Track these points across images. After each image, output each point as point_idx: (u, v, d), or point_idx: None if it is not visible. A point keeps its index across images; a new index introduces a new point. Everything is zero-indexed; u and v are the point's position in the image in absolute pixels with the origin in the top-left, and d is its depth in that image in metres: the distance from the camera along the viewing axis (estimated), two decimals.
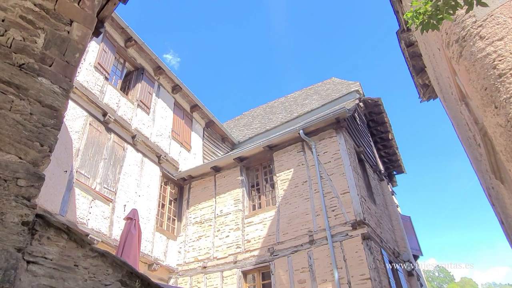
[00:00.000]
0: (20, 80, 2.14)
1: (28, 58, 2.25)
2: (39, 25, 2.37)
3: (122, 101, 11.37)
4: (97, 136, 10.19)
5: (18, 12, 2.30)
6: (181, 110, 14.43)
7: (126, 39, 12.20)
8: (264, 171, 11.73)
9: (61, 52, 2.43)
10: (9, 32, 2.22)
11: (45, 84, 2.24)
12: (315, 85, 20.36)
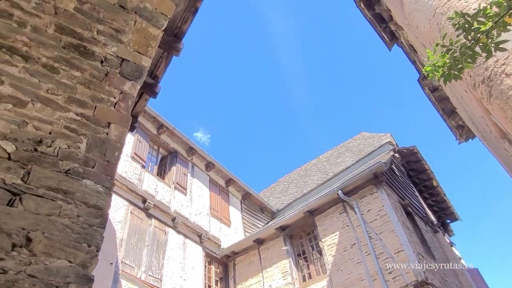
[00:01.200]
0: (67, 185, 2.25)
1: (73, 163, 2.40)
2: (81, 131, 2.55)
3: (159, 186, 11.70)
4: (139, 224, 10.36)
5: (62, 123, 2.50)
6: (216, 186, 14.60)
7: (158, 127, 12.92)
8: (308, 237, 11.28)
9: (101, 153, 2.57)
10: (56, 142, 2.41)
11: (89, 186, 2.35)
12: (346, 142, 20.28)
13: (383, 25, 8.99)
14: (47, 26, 2.67)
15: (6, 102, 2.37)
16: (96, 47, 2.81)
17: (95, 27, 2.83)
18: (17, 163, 2.21)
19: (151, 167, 12.36)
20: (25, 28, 2.59)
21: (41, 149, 2.35)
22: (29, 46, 2.58)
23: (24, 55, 2.55)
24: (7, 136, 2.28)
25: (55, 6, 2.71)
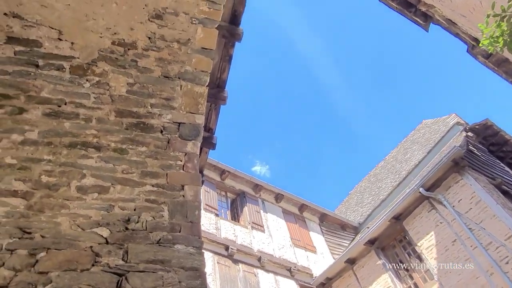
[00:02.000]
0: (162, 255, 2.34)
1: (162, 232, 2.50)
2: (161, 200, 2.68)
3: (237, 230, 11.82)
4: (228, 272, 10.45)
5: (143, 198, 2.65)
6: (290, 215, 14.44)
7: (220, 173, 13.26)
8: (402, 245, 10.59)
9: (183, 215, 2.66)
10: (142, 217, 2.54)
11: (181, 250, 2.42)
12: (409, 136, 19.26)
13: (412, 10, 8.67)
14: (108, 115, 2.90)
15: (92, 192, 2.58)
16: (153, 120, 3.00)
17: (148, 102, 3.03)
18: (114, 245, 2.35)
19: (224, 213, 12.59)
20: (91, 122, 2.85)
21: (131, 227, 2.49)
22: (98, 136, 2.82)
23: (96, 146, 2.78)
24: (100, 222, 2.45)
25: (111, 94, 2.96)
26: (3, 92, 2.77)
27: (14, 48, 2.86)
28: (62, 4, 2.86)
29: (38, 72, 2.87)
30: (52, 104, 2.82)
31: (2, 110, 2.75)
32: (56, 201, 2.52)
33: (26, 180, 2.59)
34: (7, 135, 2.70)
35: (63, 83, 2.89)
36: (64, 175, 2.66)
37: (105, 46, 3.00)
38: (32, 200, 2.50)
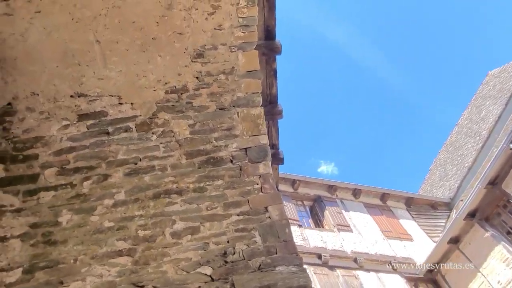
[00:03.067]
0: (267, 280, 2.36)
1: (259, 258, 2.53)
2: (250, 227, 2.72)
3: (324, 235, 11.61)
4: (327, 280, 10.24)
5: (232, 229, 2.71)
6: (374, 207, 13.87)
7: (291, 184, 13.21)
8: (508, 210, 9.63)
9: (275, 236, 2.67)
10: (236, 247, 2.59)
11: (283, 271, 2.42)
12: (478, 92, 17.74)
13: None
14: (179, 159, 3.05)
15: (185, 235, 2.69)
16: (221, 152, 3.09)
17: (212, 137, 3.14)
18: (220, 281, 2.41)
19: (306, 222, 12.47)
20: (166, 170, 3.00)
21: (230, 259, 2.55)
22: (176, 182, 2.96)
23: (177, 191, 2.92)
24: (201, 262, 2.54)
25: (177, 140, 3.11)
26: (87, 164, 3.04)
27: (86, 123, 3.14)
28: (115, 72, 3.10)
29: (110, 138, 3.11)
30: (129, 163, 3.03)
31: (90, 181, 3.01)
32: (157, 251, 2.67)
33: (126, 238, 2.78)
34: (100, 202, 2.94)
35: (133, 142, 3.10)
36: (157, 225, 2.82)
37: (160, 98, 3.18)
38: (136, 255, 2.67)
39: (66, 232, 2.85)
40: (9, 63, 3.05)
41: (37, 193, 2.97)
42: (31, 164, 3.04)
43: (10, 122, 3.12)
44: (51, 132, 3.10)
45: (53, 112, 3.12)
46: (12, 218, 2.90)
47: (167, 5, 2.91)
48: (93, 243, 2.79)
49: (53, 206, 2.92)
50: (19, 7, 2.80)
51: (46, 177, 3.02)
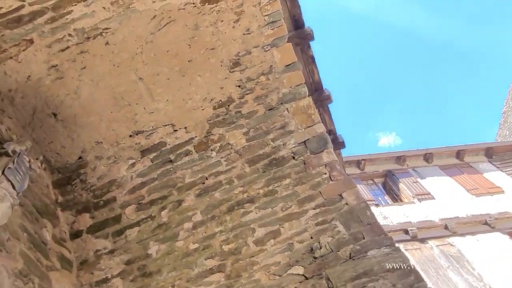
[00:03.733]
0: (361, 267, 2.34)
1: (347, 246, 2.49)
2: (329, 218, 2.69)
3: (405, 209, 11.09)
4: (421, 254, 9.76)
5: (312, 223, 2.72)
6: (451, 168, 12.99)
7: (357, 165, 12.82)
8: None
9: (358, 221, 2.59)
10: (321, 241, 2.56)
11: (376, 255, 2.34)
12: None
13: None
14: (243, 168, 3.08)
15: (268, 240, 2.71)
16: (281, 152, 3.07)
17: (268, 139, 3.14)
18: (314, 278, 2.39)
19: (383, 200, 12.01)
20: (233, 182, 3.05)
21: (318, 254, 2.51)
22: (246, 191, 2.99)
23: (249, 200, 2.95)
24: (290, 263, 2.53)
25: (236, 151, 3.15)
26: (160, 195, 3.18)
27: (149, 157, 3.29)
28: (163, 103, 3.23)
29: (174, 165, 3.23)
30: (198, 184, 3.12)
31: (167, 209, 3.14)
32: (245, 262, 2.71)
33: (213, 255, 2.86)
34: (181, 227, 3.06)
35: (196, 163, 3.19)
36: (238, 237, 2.86)
37: (210, 115, 3.25)
38: (227, 270, 2.73)
39: (158, 262, 3.01)
40: (70, 121, 3.30)
41: (124, 232, 3.16)
42: (111, 207, 3.25)
43: (85, 174, 3.36)
44: (121, 173, 3.30)
45: (118, 155, 3.32)
46: (108, 260, 3.12)
47: (193, 26, 2.97)
48: (184, 267, 2.91)
49: (141, 241, 3.09)
50: (67, 69, 3.03)
51: (127, 215, 3.21)
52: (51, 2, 2.59)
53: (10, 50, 2.84)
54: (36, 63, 2.98)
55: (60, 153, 3.38)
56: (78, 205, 3.31)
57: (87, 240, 3.23)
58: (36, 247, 2.92)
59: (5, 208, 2.41)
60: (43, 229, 3.11)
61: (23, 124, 3.28)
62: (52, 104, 3.24)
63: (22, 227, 2.86)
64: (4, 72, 2.96)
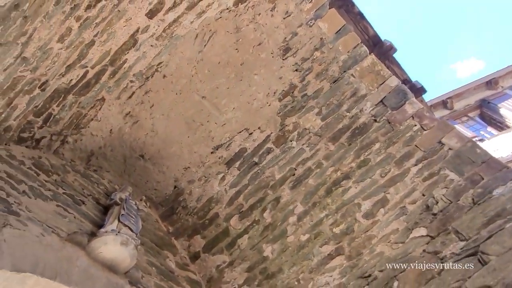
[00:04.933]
0: (491, 209, 2.12)
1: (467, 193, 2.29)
2: (435, 169, 2.50)
3: None
4: None
5: (418, 180, 2.53)
6: None
7: (443, 106, 11.77)
8: None
9: (469, 163, 2.44)
10: (435, 195, 2.36)
11: (504, 192, 2.13)
12: None
13: None
14: (328, 148, 3.02)
15: (377, 210, 2.60)
16: (360, 119, 2.95)
17: (343, 111, 3.03)
18: (441, 235, 2.24)
19: (486, 133, 10.87)
20: (322, 165, 3.01)
21: (436, 210, 2.36)
22: (338, 169, 2.93)
23: (344, 177, 2.90)
24: (409, 227, 2.40)
25: (315, 133, 3.09)
26: (257, 198, 3.26)
27: (235, 167, 3.38)
28: (230, 112, 3.29)
29: (260, 166, 3.28)
30: (289, 177, 3.13)
31: (268, 210, 3.19)
32: (362, 239, 2.63)
33: (327, 241, 2.83)
34: (286, 223, 3.08)
35: (280, 158, 3.20)
36: (345, 216, 2.79)
37: (278, 107, 3.23)
38: (346, 251, 2.68)
39: (276, 262, 3.06)
40: (156, 157, 3.53)
41: (235, 242, 3.28)
42: (217, 222, 3.40)
43: (184, 200, 3.57)
44: (215, 189, 3.43)
45: (207, 173, 3.46)
46: (230, 272, 3.26)
47: (234, 29, 2.99)
48: (303, 259, 2.92)
49: (253, 246, 3.18)
50: (138, 112, 3.25)
51: (233, 226, 3.33)
52: (108, 59, 2.80)
53: (89, 113, 3.14)
54: (113, 116, 3.25)
55: (158, 188, 3.64)
56: (187, 230, 3.52)
57: (206, 259, 3.42)
58: (166, 277, 3.17)
59: (131, 250, 2.65)
60: (167, 260, 3.37)
61: (119, 173, 3.59)
62: (137, 147, 3.49)
63: (149, 262, 3.13)
64: (90, 134, 3.28)
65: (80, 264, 2.42)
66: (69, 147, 3.23)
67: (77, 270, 2.39)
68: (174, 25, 2.87)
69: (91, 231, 2.73)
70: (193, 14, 2.86)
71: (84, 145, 3.31)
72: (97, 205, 3.12)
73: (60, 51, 2.39)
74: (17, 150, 2.78)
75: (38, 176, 2.75)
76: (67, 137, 3.16)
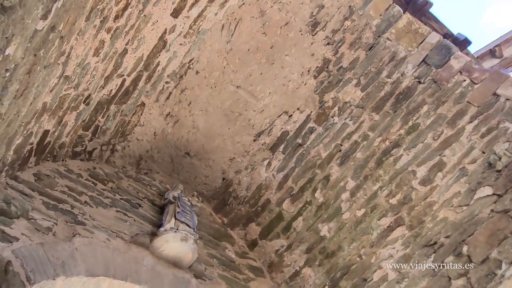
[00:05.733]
0: None
1: None
2: (493, 123, 2.35)
3: None
4: None
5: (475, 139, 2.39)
6: None
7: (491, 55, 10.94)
8: None
9: None
10: (497, 150, 2.23)
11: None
12: None
13: None
14: (372, 118, 2.92)
15: (434, 175, 2.51)
16: (403, 83, 2.82)
17: (382, 77, 2.90)
18: (509, 192, 2.10)
19: None
20: (369, 136, 2.91)
21: (500, 166, 2.24)
22: (385, 138, 2.83)
23: (393, 145, 2.79)
24: (473, 188, 2.29)
25: (356, 106, 2.99)
26: (306, 179, 3.23)
27: (279, 150, 3.36)
28: (267, 97, 3.26)
29: (305, 147, 3.24)
30: (335, 154, 3.08)
31: (318, 190, 3.16)
32: (421, 206, 2.53)
33: (384, 213, 2.75)
34: (339, 200, 3.03)
35: (323, 135, 3.15)
36: (400, 185, 2.70)
37: (314, 85, 3.15)
38: (406, 221, 2.60)
39: (335, 240, 3.03)
40: (201, 153, 3.60)
41: (291, 225, 3.28)
42: (269, 208, 3.42)
43: (234, 191, 3.61)
44: (263, 176, 3.44)
45: (252, 161, 3.47)
46: (290, 255, 3.27)
47: (259, 13, 2.94)
48: (362, 235, 2.86)
49: (309, 227, 3.17)
50: (178, 111, 3.32)
51: (286, 210, 3.32)
52: (141, 64, 2.87)
53: (132, 119, 3.25)
54: (154, 119, 3.34)
55: (207, 182, 3.71)
56: (241, 219, 3.58)
57: (264, 245, 3.46)
58: (228, 267, 3.25)
59: (191, 245, 2.74)
60: (226, 250, 3.45)
61: (169, 173, 3.71)
62: (181, 146, 3.58)
63: (209, 255, 3.22)
64: (136, 139, 3.40)
65: (146, 263, 2.54)
66: (119, 154, 3.37)
67: (145, 269, 2.51)
68: (199, 20, 2.87)
69: (152, 231, 2.85)
70: (216, 5, 2.84)
71: (132, 151, 3.44)
72: (153, 206, 3.25)
73: (97, 64, 2.48)
74: (73, 164, 2.95)
75: (95, 186, 2.91)
76: (116, 145, 3.29)
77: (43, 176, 2.53)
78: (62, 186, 2.60)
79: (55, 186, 2.55)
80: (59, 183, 2.60)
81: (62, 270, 2.01)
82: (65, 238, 2.18)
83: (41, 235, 2.08)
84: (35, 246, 1.98)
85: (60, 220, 2.29)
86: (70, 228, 2.28)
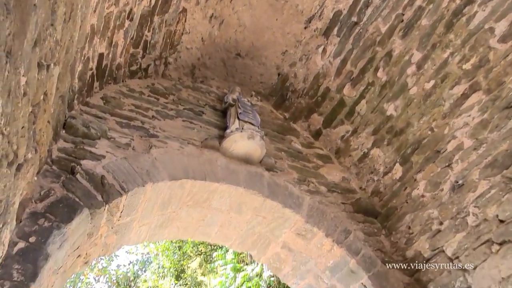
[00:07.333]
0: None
1: None
2: None
3: None
4: None
5: None
6: None
7: None
8: None
9: None
10: None
11: None
12: None
13: None
14: None
15: None
16: None
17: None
18: None
19: None
20: None
21: None
22: None
23: (465, 2, 2.41)
24: None
25: None
26: (366, 60, 3.02)
27: (333, 34, 3.13)
28: None
29: (362, 24, 2.96)
30: (397, 26, 2.78)
31: (381, 68, 2.96)
32: (500, 66, 2.29)
33: (457, 81, 2.54)
34: (404, 77, 2.84)
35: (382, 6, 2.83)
36: (475, 47, 2.44)
37: None
38: (482, 86, 2.38)
39: (402, 117, 2.91)
40: (252, 51, 3.48)
41: (354, 110, 3.19)
42: (330, 96, 3.32)
43: (292, 84, 3.53)
44: (319, 64, 3.29)
45: (306, 51, 3.30)
46: (356, 139, 3.25)
47: None
48: (432, 108, 2.70)
49: (374, 109, 3.06)
50: (221, 10, 3.15)
51: (347, 95, 3.21)
52: None
53: (177, 28, 3.16)
54: (199, 24, 3.22)
55: (263, 81, 3.66)
56: (302, 111, 3.56)
57: (328, 134, 3.47)
58: (296, 158, 3.35)
59: (258, 141, 2.83)
60: (292, 143, 3.52)
61: (223, 77, 3.69)
62: (231, 47, 3.48)
63: (277, 149, 3.32)
64: (186, 48, 3.35)
65: (220, 163, 2.72)
66: (172, 67, 3.39)
67: (220, 169, 2.70)
68: None
69: (219, 135, 2.98)
70: None
71: (184, 61, 3.43)
72: (215, 111, 3.33)
73: None
74: (133, 84, 3.05)
75: (158, 101, 3.02)
76: (167, 58, 3.29)
77: (110, 99, 2.67)
78: (129, 105, 2.74)
79: (123, 106, 2.69)
80: (125, 102, 2.73)
81: (148, 177, 2.22)
82: (143, 151, 2.37)
83: (123, 151, 2.28)
84: (120, 160, 2.19)
85: (135, 135, 2.46)
86: (145, 141, 2.46)
